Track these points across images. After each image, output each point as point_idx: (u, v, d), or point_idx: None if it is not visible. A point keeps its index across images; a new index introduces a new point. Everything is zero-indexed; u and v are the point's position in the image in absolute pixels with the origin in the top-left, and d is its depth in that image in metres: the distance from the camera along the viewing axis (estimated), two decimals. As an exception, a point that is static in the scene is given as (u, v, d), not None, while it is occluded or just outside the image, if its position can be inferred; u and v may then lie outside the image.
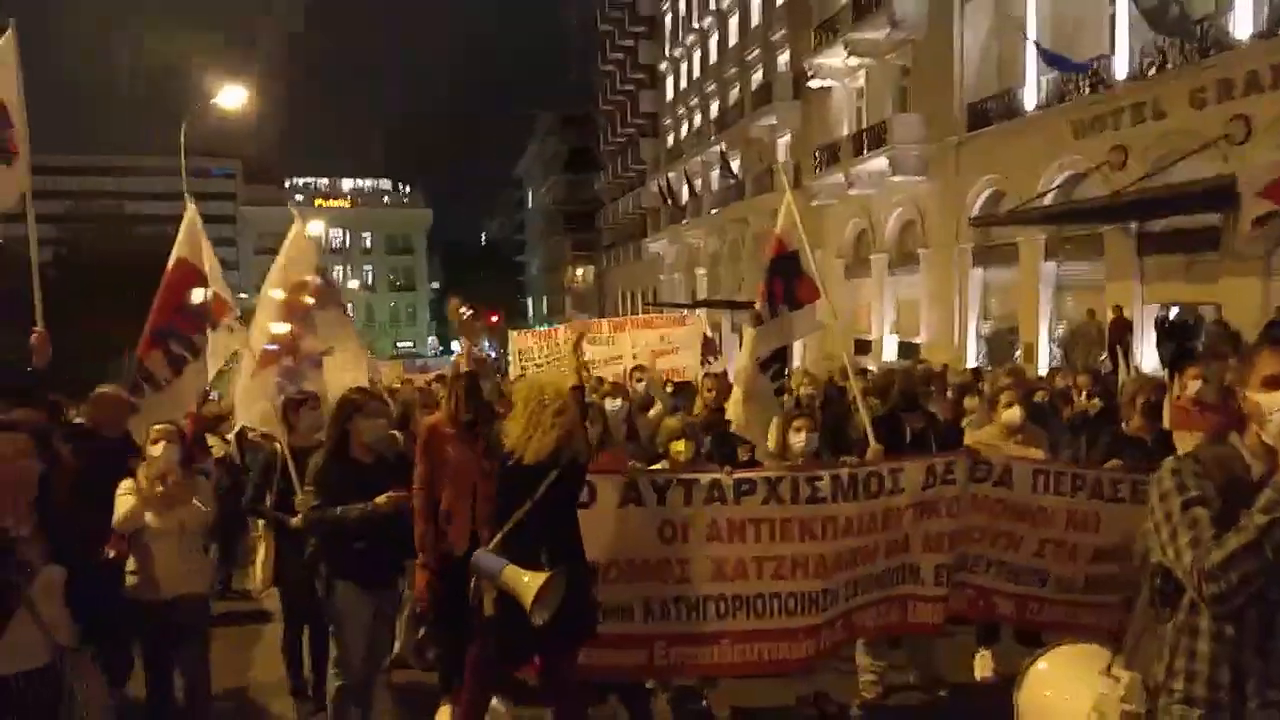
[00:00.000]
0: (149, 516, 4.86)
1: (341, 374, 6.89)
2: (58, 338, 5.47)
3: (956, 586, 5.21)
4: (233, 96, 26.22)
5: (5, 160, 5.04)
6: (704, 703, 5.53)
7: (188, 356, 6.62)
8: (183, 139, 26.26)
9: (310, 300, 6.94)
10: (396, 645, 5.74)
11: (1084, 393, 9.53)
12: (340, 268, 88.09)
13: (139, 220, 38.74)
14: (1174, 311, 17.65)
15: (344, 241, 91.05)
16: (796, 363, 29.69)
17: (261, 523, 6.60)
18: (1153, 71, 18.01)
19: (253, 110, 29.04)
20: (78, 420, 6.53)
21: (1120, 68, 18.77)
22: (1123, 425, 5.64)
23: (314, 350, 6.81)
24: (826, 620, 4.96)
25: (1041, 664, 2.94)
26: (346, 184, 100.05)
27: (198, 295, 6.53)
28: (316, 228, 77.88)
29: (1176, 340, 16.43)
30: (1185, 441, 5.77)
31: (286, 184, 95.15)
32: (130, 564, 4.95)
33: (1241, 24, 16.07)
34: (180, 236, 6.72)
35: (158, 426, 5.13)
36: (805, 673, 5.41)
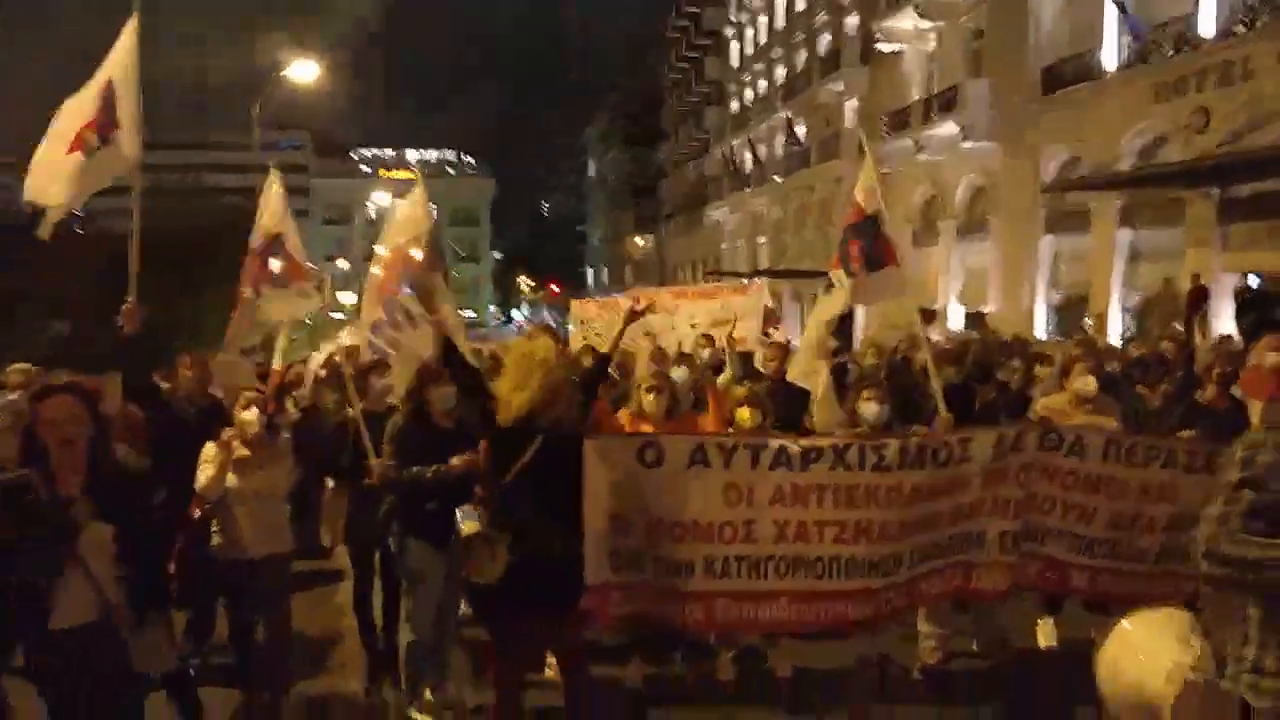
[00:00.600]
0: (232, 479, 5.06)
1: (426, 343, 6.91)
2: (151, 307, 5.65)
3: (1026, 557, 5.18)
4: (303, 70, 26.67)
5: (106, 141, 5.19)
6: (766, 662, 5.60)
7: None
8: (256, 112, 26.84)
9: (419, 256, 6.89)
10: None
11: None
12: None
13: (217, 192, 39.65)
14: (1254, 280, 17.04)
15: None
16: (861, 334, 29.47)
17: (333, 483, 6.84)
18: (1241, 30, 17.30)
19: (322, 82, 29.50)
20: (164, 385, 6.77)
21: (1206, 26, 18.07)
22: (1197, 395, 5.52)
23: (413, 305, 6.70)
24: (888, 585, 4.97)
25: (1125, 625, 2.94)
26: (412, 155, 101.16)
27: (275, 264, 6.67)
28: (383, 198, 79.12)
29: (1257, 311, 15.88)
30: (1256, 410, 5.65)
31: (353, 155, 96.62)
32: (215, 524, 5.17)
33: (1336, -21, 15.35)
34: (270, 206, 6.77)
35: (247, 394, 5.33)
36: (867, 635, 5.46)
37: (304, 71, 26.71)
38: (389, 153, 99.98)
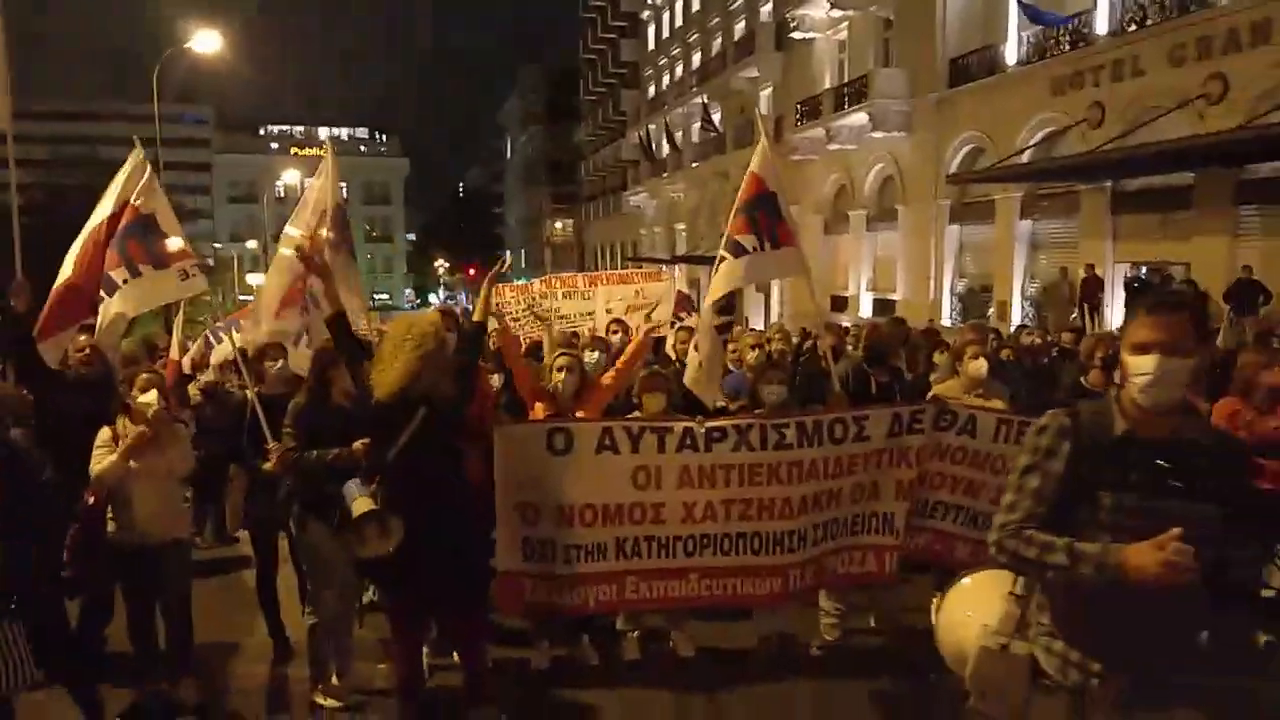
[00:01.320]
0: (132, 463, 4.93)
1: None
2: (41, 284, 5.45)
3: (917, 531, 5.40)
4: (206, 42, 25.76)
5: None
6: (670, 643, 5.71)
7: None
8: (154, 84, 25.87)
9: (329, 235, 6.81)
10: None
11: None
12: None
13: (114, 165, 38.12)
14: (1144, 270, 17.87)
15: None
16: (773, 318, 29.89)
17: (234, 467, 6.72)
18: (1133, 28, 18.05)
19: (227, 56, 28.51)
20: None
21: (1101, 24, 18.79)
22: (1083, 380, 5.79)
23: (316, 288, 6.57)
24: (793, 562, 5.13)
25: (962, 583, 3.07)
26: (323, 132, 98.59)
27: (174, 244, 6.43)
28: (292, 177, 76.91)
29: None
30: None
31: (261, 132, 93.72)
32: (111, 510, 5.02)
33: (1221, -18, 16.11)
34: (132, 183, 6.38)
35: (144, 375, 5.18)
36: (769, 614, 5.61)
37: (207, 42, 25.80)
38: (299, 130, 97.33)
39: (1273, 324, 11.94)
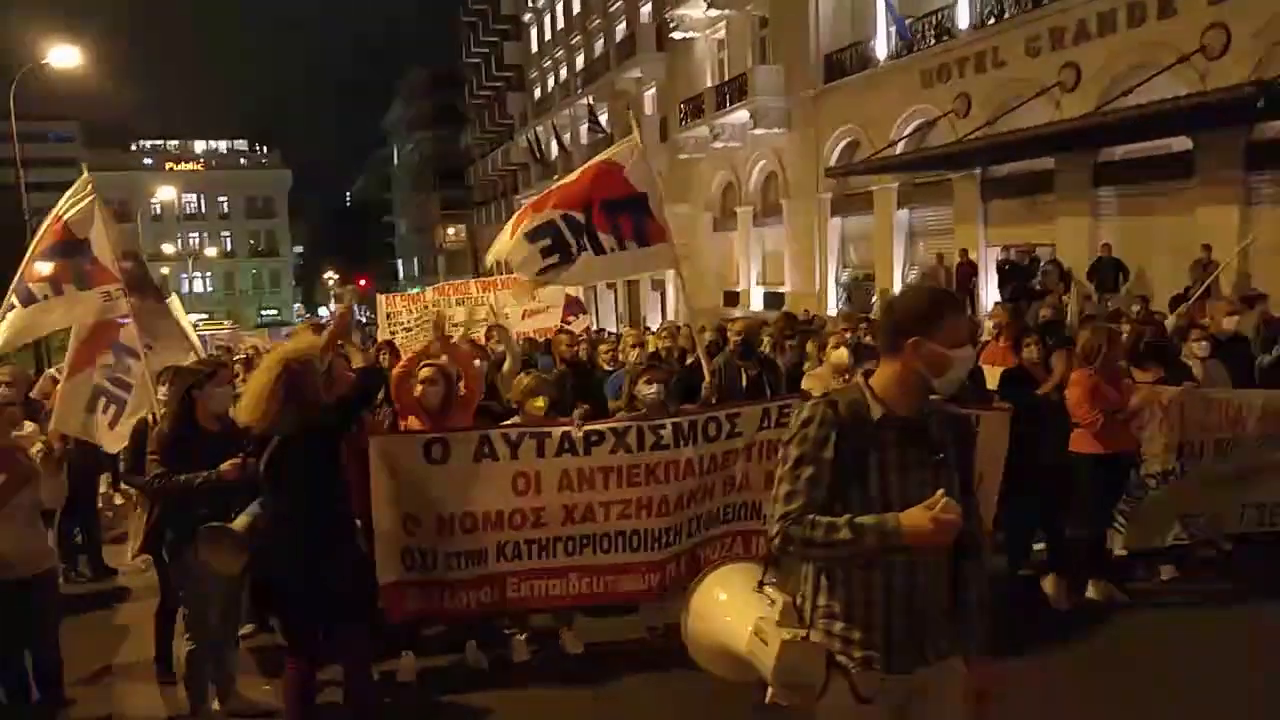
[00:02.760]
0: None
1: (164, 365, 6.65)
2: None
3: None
4: (65, 56, 24.63)
5: None
6: (559, 641, 5.78)
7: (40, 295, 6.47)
8: (11, 100, 24.67)
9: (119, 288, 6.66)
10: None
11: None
12: (197, 234, 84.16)
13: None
14: (1012, 253, 18.70)
15: (199, 207, 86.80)
16: (670, 317, 30.16)
17: (133, 493, 6.53)
18: (991, 21, 18.87)
19: (93, 70, 27.32)
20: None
21: (962, 18, 19.58)
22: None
23: (132, 341, 6.54)
24: (670, 557, 5.27)
25: (707, 586, 3.07)
26: (199, 145, 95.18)
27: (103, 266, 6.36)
28: (168, 193, 74.10)
29: (1015, 280, 17.47)
30: (994, 377, 6.32)
31: (134, 147, 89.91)
32: None
33: (1071, -27, 16.97)
34: (75, 209, 6.49)
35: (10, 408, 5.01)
36: (655, 608, 5.74)
37: (64, 57, 24.66)
38: (173, 144, 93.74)
39: (1124, 306, 12.67)
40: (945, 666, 2.64)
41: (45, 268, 6.38)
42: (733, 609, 2.89)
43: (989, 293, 18.70)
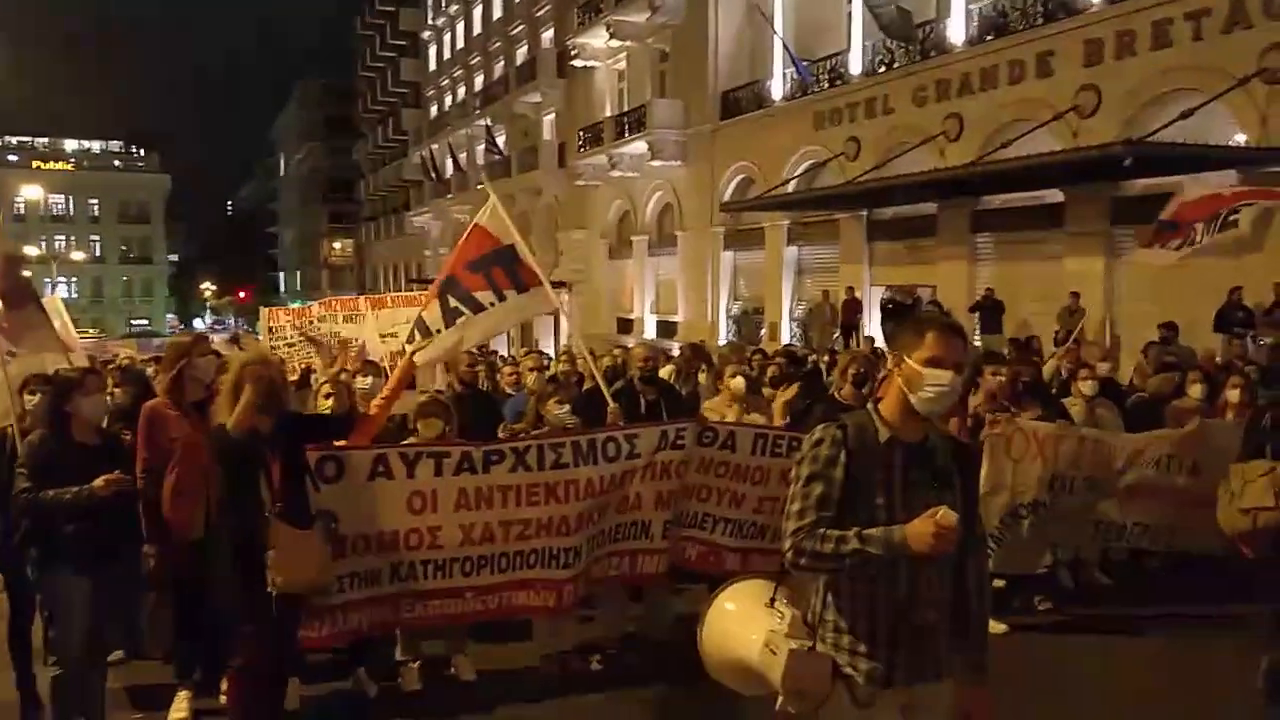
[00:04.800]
0: None
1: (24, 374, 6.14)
2: None
3: (688, 541, 5.65)
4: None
5: None
6: (451, 669, 5.66)
7: None
8: None
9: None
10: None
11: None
12: (63, 237, 79.75)
13: None
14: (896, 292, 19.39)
15: (67, 209, 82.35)
16: (564, 341, 30.13)
17: None
18: (882, 69, 19.67)
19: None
20: None
21: (855, 65, 20.35)
22: (836, 393, 6.27)
23: None
24: (568, 577, 5.23)
25: (721, 601, 3.20)
26: (70, 145, 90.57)
27: None
28: (34, 192, 70.22)
29: (897, 319, 18.12)
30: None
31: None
32: None
33: (956, 31, 17.87)
34: None
35: None
36: (548, 633, 5.69)
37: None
38: (41, 141, 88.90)
39: (995, 348, 13.30)
40: (944, 684, 2.80)
41: None
42: (745, 623, 2.99)
43: (874, 329, 19.34)
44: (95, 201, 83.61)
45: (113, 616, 5.05)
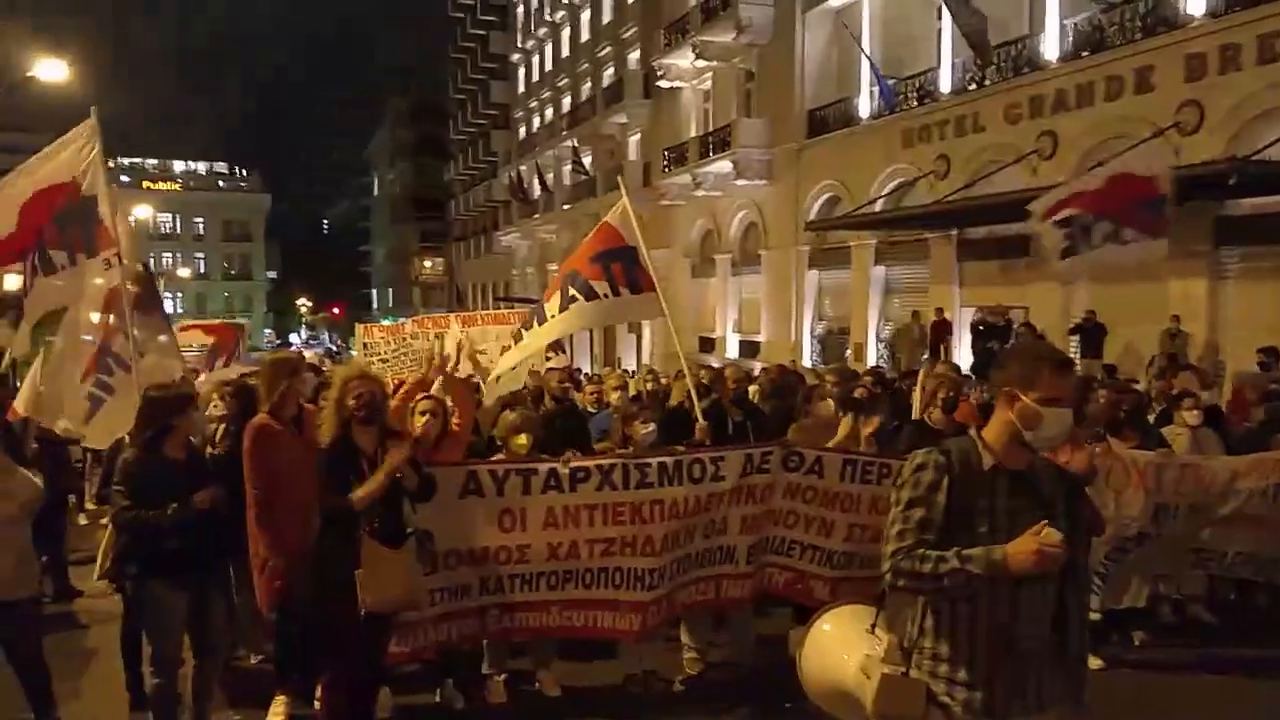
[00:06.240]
0: None
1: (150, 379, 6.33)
2: None
3: (774, 568, 5.62)
4: (51, 69, 24.54)
5: None
6: (536, 684, 5.73)
7: (40, 271, 6.12)
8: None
9: (135, 289, 6.58)
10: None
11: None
12: (170, 254, 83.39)
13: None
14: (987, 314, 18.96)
15: (175, 227, 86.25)
16: (645, 359, 30.25)
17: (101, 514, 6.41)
18: (973, 87, 19.34)
19: (76, 85, 27.19)
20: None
21: (945, 82, 20.06)
22: (926, 418, 6.18)
23: (125, 352, 6.39)
24: (652, 599, 5.26)
25: (821, 625, 3.25)
26: (178, 165, 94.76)
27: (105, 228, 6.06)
28: (144, 211, 73.48)
29: (989, 341, 17.71)
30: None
31: (111, 164, 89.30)
32: None
33: (1050, 47, 17.48)
34: (69, 156, 6.19)
35: None
36: (632, 651, 5.72)
37: (51, 71, 24.56)
38: (152, 162, 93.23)
39: (1094, 372, 12.88)
40: (1044, 717, 2.75)
41: (60, 233, 6.02)
42: (843, 647, 3.06)
43: (963, 351, 18.94)
44: (200, 220, 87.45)
45: (210, 625, 5.24)
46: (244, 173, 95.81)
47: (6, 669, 5.00)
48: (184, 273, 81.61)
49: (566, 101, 42.74)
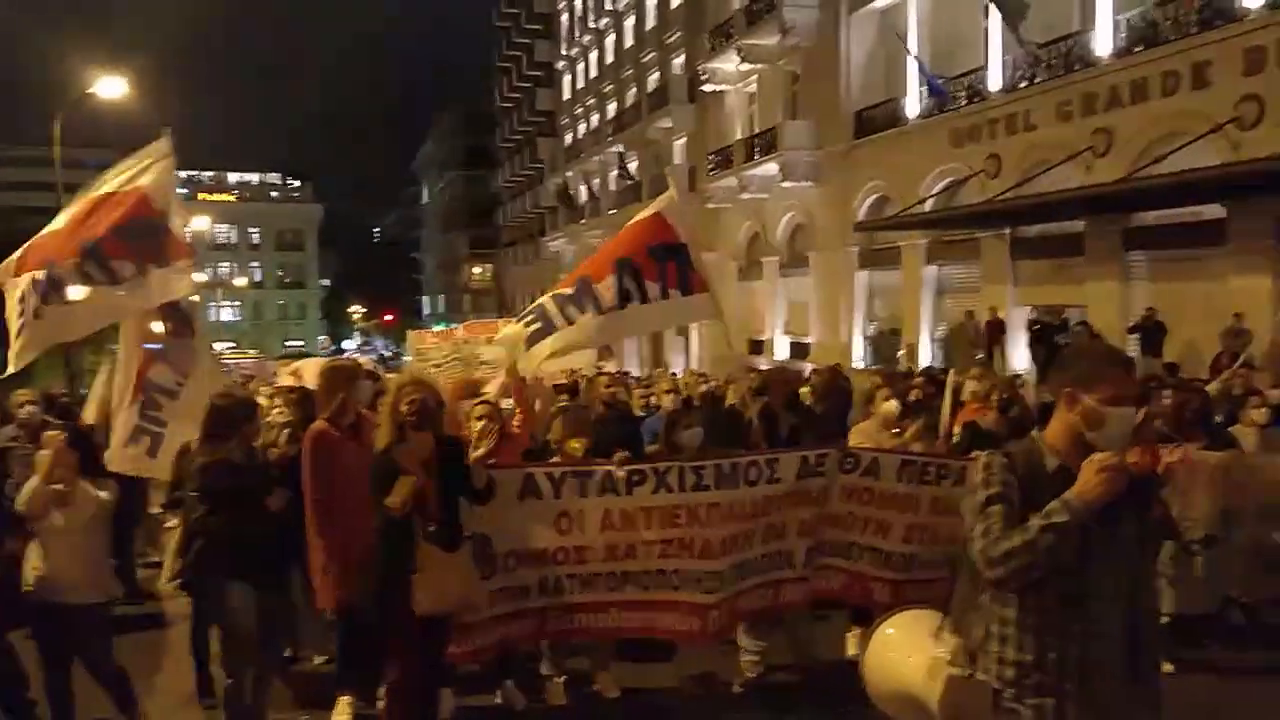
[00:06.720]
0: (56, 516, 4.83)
1: (193, 405, 6.27)
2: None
3: (832, 570, 5.60)
4: (111, 87, 25.22)
5: None
6: (595, 685, 5.76)
7: (101, 279, 6.22)
8: (57, 130, 25.26)
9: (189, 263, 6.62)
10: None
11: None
12: (227, 264, 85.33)
13: (20, 213, 37.09)
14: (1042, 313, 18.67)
15: (230, 237, 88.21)
16: (692, 363, 30.22)
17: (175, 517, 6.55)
18: (1023, 85, 19.07)
19: (133, 102, 27.91)
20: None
21: (994, 81, 19.80)
22: (979, 420, 6.12)
23: (164, 378, 6.54)
24: (712, 603, 5.26)
25: (885, 629, 3.24)
26: (233, 177, 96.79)
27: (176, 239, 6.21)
28: (201, 223, 75.12)
29: (1046, 340, 17.42)
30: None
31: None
32: (34, 560, 4.92)
33: (1102, 43, 17.18)
34: (151, 173, 6.34)
35: (50, 432, 5.08)
36: (691, 654, 5.73)
37: (111, 88, 25.25)
38: (207, 174, 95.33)
39: (1155, 371, 12.60)
40: None
41: (123, 245, 6.12)
42: (908, 651, 3.06)
43: (1019, 352, 18.66)
44: (256, 230, 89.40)
45: (277, 625, 5.36)
46: (296, 183, 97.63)
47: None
48: (240, 281, 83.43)
49: (612, 107, 42.91)
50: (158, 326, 6.83)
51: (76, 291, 6.31)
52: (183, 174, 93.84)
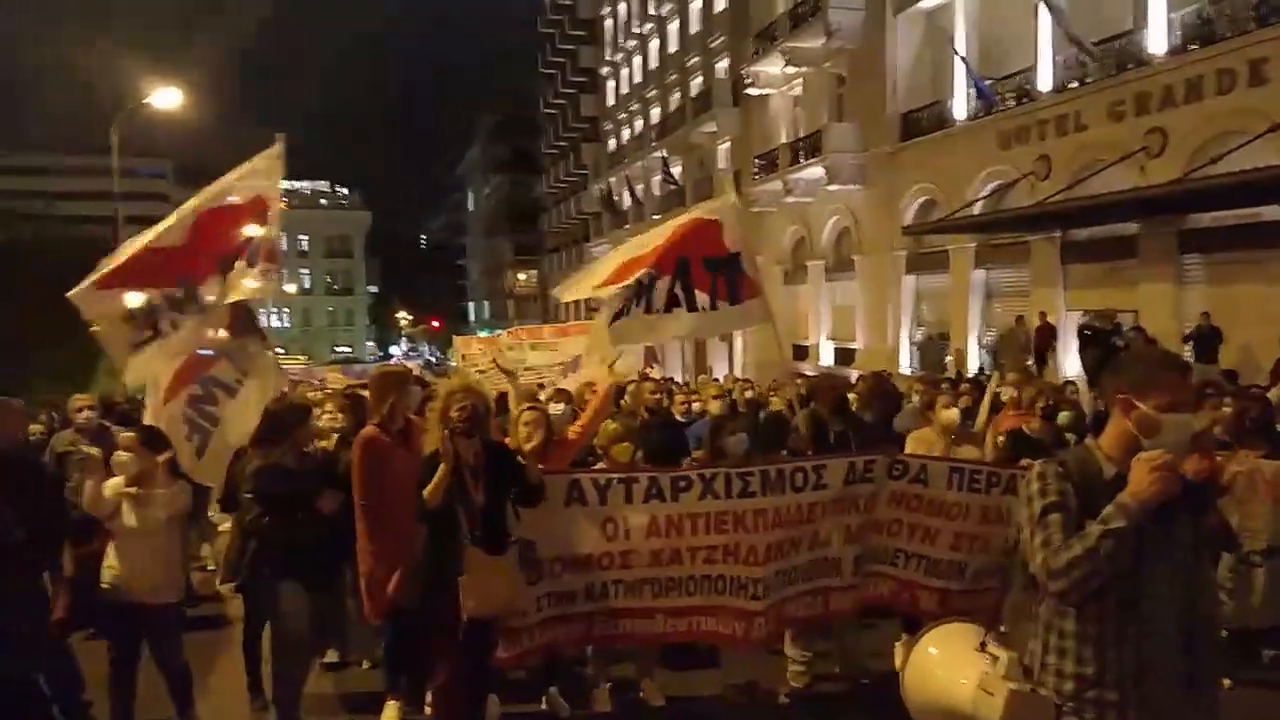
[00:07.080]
0: (130, 516, 4.95)
1: (251, 405, 6.39)
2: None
3: (879, 578, 5.53)
4: (166, 97, 25.79)
5: None
6: (640, 693, 5.75)
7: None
8: (114, 139, 25.86)
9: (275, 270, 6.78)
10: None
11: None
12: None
13: (73, 221, 38.09)
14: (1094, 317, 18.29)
15: (280, 244, 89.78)
16: (736, 368, 30.11)
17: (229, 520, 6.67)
18: (1074, 85, 18.75)
19: (188, 111, 28.52)
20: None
21: (1044, 81, 19.49)
22: (1025, 428, 6.02)
23: (226, 374, 6.57)
24: (758, 609, 5.22)
25: (925, 645, 3.18)
26: (283, 185, 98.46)
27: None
28: (252, 229, 76.57)
29: (1100, 347, 17.06)
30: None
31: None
32: (110, 560, 5.04)
33: (1156, 41, 16.84)
34: (266, 176, 6.57)
35: (126, 434, 5.21)
36: (736, 662, 5.70)
37: (167, 98, 25.82)
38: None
39: (1213, 378, 12.26)
40: None
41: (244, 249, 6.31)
42: (952, 667, 3.04)
43: (1069, 358, 18.33)
44: (305, 238, 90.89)
45: (326, 626, 5.44)
46: (345, 191, 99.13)
47: (148, 670, 5.24)
48: (290, 288, 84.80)
49: (655, 112, 42.96)
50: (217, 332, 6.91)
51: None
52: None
